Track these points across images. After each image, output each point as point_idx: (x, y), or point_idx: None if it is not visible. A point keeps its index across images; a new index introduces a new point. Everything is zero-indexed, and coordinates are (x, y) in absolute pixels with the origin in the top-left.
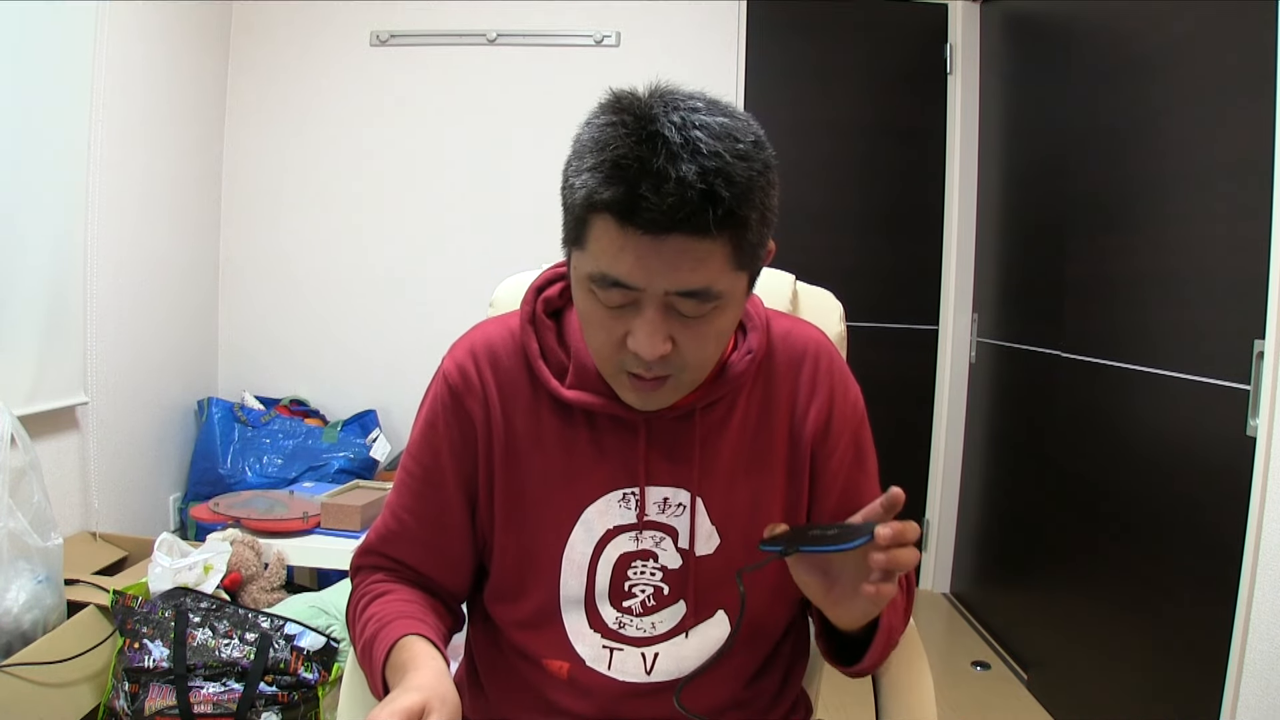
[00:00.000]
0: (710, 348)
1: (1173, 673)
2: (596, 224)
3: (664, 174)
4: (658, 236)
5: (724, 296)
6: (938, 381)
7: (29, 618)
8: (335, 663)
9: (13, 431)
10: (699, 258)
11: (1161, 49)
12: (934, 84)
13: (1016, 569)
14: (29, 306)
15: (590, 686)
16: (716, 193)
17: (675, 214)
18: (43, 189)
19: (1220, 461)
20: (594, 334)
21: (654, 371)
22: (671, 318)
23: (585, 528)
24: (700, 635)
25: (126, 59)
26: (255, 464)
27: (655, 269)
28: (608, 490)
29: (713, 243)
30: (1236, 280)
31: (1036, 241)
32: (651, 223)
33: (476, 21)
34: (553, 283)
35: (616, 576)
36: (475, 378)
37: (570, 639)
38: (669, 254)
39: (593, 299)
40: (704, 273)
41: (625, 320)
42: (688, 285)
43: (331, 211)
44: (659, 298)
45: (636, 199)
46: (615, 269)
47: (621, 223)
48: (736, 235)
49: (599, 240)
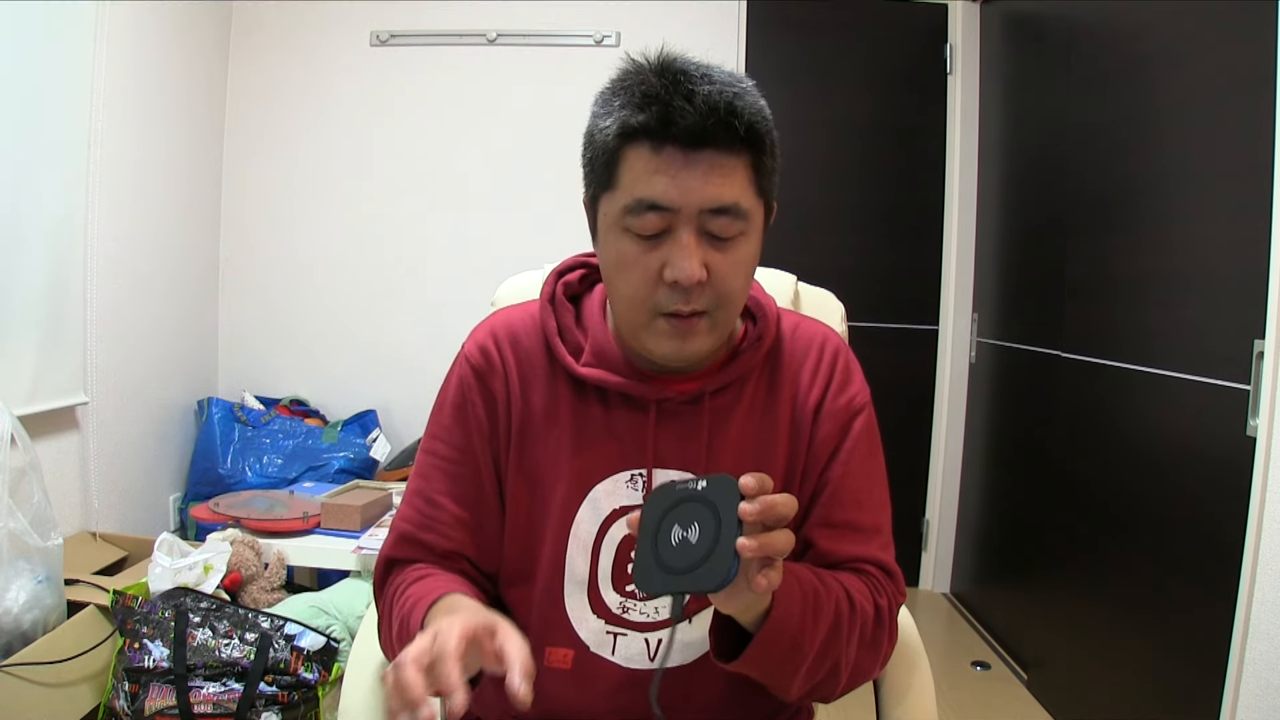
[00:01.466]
0: (740, 279)
1: (1173, 672)
2: (629, 154)
3: (690, 94)
4: (689, 153)
5: (749, 219)
6: (938, 381)
7: (29, 618)
8: (335, 663)
9: (13, 431)
10: (726, 173)
11: (1161, 49)
12: (934, 84)
13: (1016, 569)
14: (29, 306)
15: (595, 674)
16: (737, 108)
17: (705, 125)
18: (43, 189)
19: (1220, 461)
20: (628, 277)
21: (692, 304)
22: (705, 244)
23: (592, 506)
24: (704, 621)
25: (126, 59)
26: (255, 464)
27: (689, 186)
28: (617, 470)
29: (737, 159)
30: (1236, 280)
31: (1036, 241)
32: (684, 136)
33: (476, 21)
34: (573, 270)
35: (620, 558)
36: (496, 357)
37: (573, 624)
38: (700, 169)
39: (626, 239)
40: (732, 187)
41: (661, 252)
42: (719, 200)
43: (332, 211)
44: (693, 219)
45: (669, 116)
46: (651, 191)
47: (655, 145)
48: (756, 154)
49: (632, 169)
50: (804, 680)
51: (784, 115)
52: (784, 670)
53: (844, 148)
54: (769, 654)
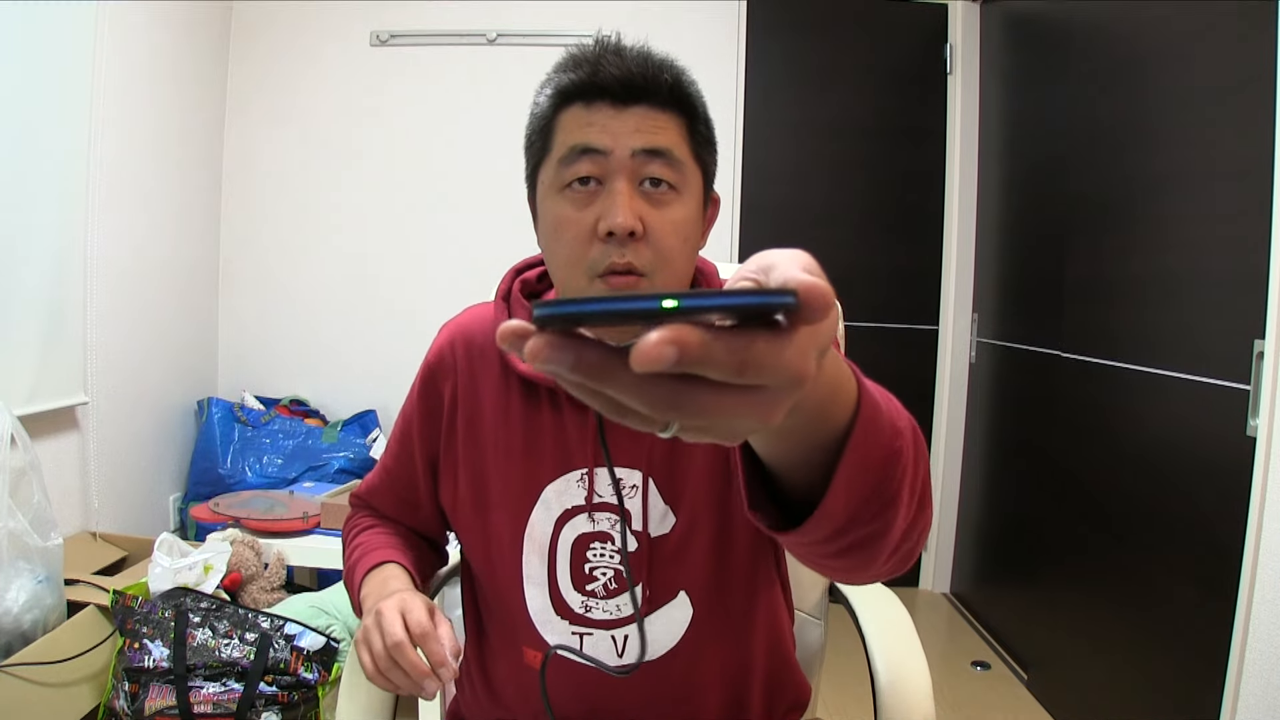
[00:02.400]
0: (677, 238)
1: (1173, 672)
2: (563, 117)
3: (620, 52)
4: (620, 108)
5: (684, 173)
6: (938, 381)
7: (29, 618)
8: (335, 663)
9: (13, 431)
10: (658, 125)
11: (1161, 49)
12: (934, 84)
13: (1016, 569)
14: (29, 306)
15: (566, 674)
16: (666, 65)
17: (632, 77)
18: (43, 189)
19: (1220, 461)
20: (562, 237)
21: (626, 258)
22: (639, 197)
23: (544, 507)
24: (665, 617)
25: (126, 59)
26: (255, 464)
27: (621, 132)
28: (566, 470)
29: (669, 116)
30: (1236, 280)
31: (1036, 241)
32: (615, 88)
33: (476, 21)
34: (532, 266)
35: (576, 558)
36: (450, 359)
37: (538, 627)
38: (632, 120)
39: (561, 201)
40: (665, 136)
41: (595, 208)
42: (652, 143)
43: (331, 211)
44: (625, 166)
45: (598, 71)
46: (584, 136)
47: (587, 102)
48: (688, 113)
49: (565, 127)
50: (909, 493)
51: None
52: (889, 468)
53: (844, 147)
54: (872, 441)
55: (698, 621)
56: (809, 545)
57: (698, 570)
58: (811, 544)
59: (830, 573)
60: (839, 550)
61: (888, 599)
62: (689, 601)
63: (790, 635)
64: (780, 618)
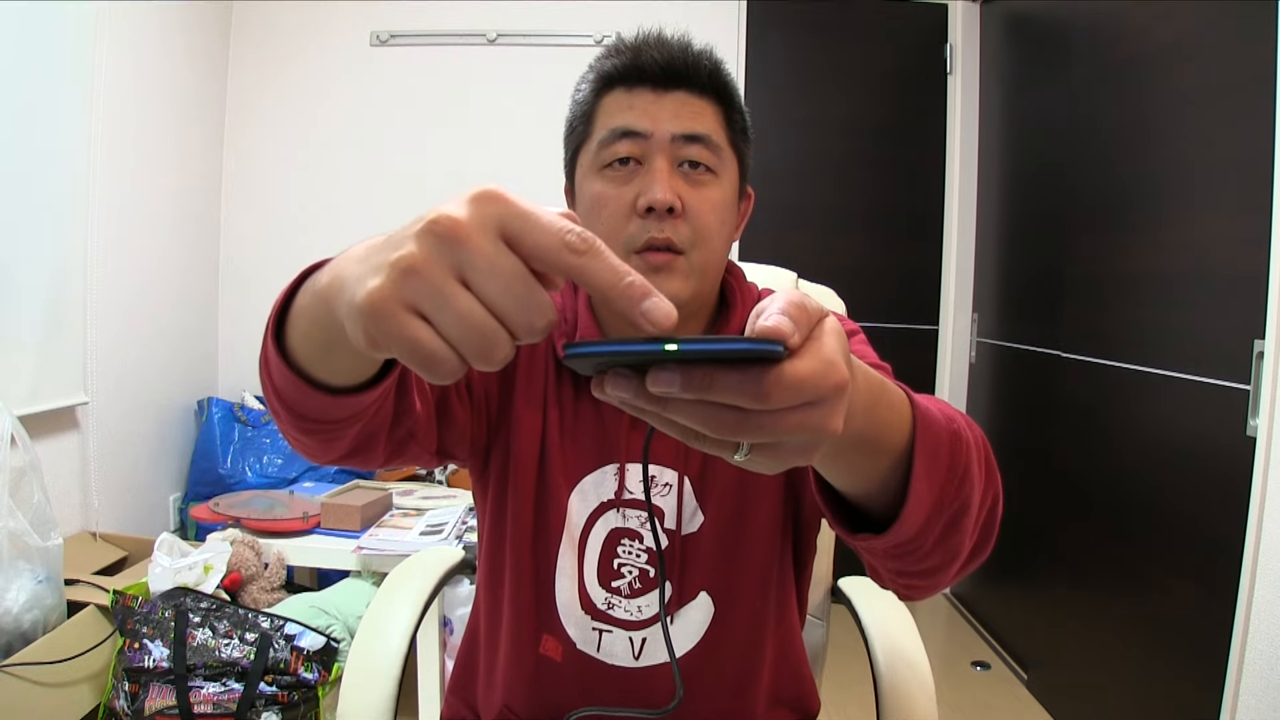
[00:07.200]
0: (715, 217)
1: (1173, 673)
2: (604, 101)
3: (660, 42)
4: (660, 93)
5: (721, 156)
6: (938, 381)
7: (29, 618)
8: (335, 663)
9: (13, 431)
10: (696, 110)
11: (1161, 49)
12: (934, 84)
13: (1016, 569)
14: (29, 306)
15: (582, 669)
16: (705, 54)
17: (673, 67)
18: (43, 189)
19: (1220, 461)
20: (601, 214)
21: (665, 233)
22: (677, 176)
23: (581, 497)
24: (685, 619)
25: (126, 59)
26: (255, 464)
27: (661, 116)
28: (604, 463)
29: (707, 102)
30: (1236, 280)
31: (1036, 241)
32: (655, 75)
33: (476, 21)
34: None
35: (606, 552)
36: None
37: (561, 618)
38: (671, 105)
39: (601, 179)
40: (703, 121)
41: (634, 185)
42: (691, 128)
43: (331, 211)
44: (665, 147)
45: (639, 59)
46: (625, 119)
47: (629, 87)
48: (725, 102)
49: (606, 111)
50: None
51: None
52: (955, 445)
53: (844, 147)
54: (935, 428)
55: (716, 623)
56: (901, 547)
57: (721, 569)
58: (904, 544)
59: (919, 579)
60: (935, 542)
61: (889, 599)
62: (710, 601)
63: (801, 646)
64: (792, 625)
